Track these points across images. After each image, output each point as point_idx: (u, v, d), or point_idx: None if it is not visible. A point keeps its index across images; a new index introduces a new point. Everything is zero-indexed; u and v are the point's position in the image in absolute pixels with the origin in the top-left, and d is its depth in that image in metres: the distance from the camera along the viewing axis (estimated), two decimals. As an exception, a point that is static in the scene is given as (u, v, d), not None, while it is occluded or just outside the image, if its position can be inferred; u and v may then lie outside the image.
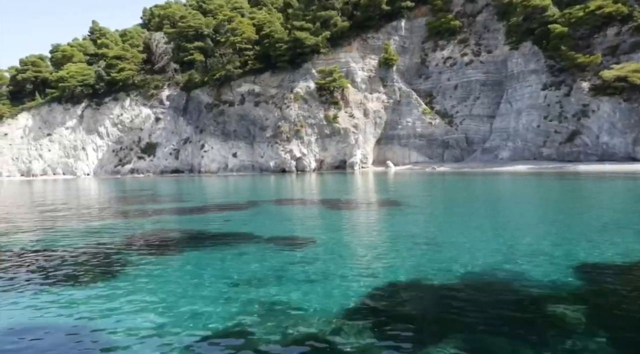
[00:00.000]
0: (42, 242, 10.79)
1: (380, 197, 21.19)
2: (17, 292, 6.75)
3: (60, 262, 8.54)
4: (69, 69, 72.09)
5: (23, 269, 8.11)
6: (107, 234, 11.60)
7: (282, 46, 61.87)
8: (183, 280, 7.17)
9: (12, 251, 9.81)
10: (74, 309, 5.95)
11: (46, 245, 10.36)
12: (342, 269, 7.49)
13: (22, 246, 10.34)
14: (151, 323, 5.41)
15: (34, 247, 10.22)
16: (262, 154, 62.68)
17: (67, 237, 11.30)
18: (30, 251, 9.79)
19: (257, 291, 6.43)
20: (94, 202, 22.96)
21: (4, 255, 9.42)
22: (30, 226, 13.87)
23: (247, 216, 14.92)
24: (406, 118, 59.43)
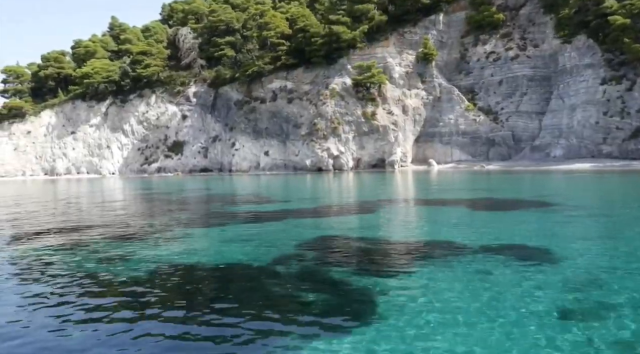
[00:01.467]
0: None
1: (515, 197, 19.16)
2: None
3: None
4: (93, 65, 70.19)
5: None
6: (301, 253, 9.64)
7: (318, 41, 59.85)
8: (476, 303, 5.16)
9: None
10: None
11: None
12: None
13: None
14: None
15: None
16: (297, 152, 60.70)
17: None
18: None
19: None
20: (216, 206, 20.98)
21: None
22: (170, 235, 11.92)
23: (411, 220, 12.99)
24: (447, 115, 57.42)
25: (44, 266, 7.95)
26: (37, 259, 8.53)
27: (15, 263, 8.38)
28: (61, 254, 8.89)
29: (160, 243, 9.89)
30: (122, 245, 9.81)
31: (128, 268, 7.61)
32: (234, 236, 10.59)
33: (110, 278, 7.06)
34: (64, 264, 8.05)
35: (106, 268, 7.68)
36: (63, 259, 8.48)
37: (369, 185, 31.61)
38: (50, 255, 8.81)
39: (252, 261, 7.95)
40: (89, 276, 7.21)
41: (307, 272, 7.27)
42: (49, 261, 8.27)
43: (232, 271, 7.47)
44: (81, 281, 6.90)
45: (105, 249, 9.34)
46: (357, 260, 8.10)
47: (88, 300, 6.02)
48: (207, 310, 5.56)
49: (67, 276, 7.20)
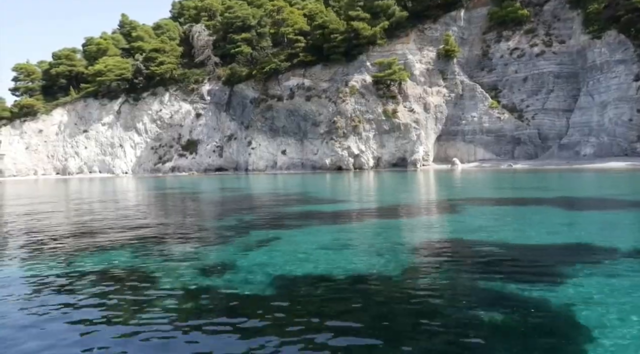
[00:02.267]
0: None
1: (594, 195, 17.95)
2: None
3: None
4: (106, 63, 69.05)
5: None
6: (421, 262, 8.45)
7: (337, 37, 58.64)
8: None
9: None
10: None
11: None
12: None
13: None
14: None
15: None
16: (316, 151, 59.52)
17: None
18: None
19: None
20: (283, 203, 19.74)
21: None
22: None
23: (509, 220, 11.79)
24: (471, 113, 56.21)
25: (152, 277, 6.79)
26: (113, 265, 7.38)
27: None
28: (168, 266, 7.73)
29: (250, 249, 8.71)
30: (208, 250, 8.65)
31: (229, 279, 6.43)
32: (326, 240, 9.37)
33: (211, 289, 5.88)
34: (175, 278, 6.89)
35: (197, 279, 6.51)
36: (167, 271, 7.31)
37: (411, 184, 30.39)
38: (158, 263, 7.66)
39: (372, 271, 6.70)
40: (190, 294, 6.02)
41: (448, 283, 6.04)
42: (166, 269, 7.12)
43: (351, 283, 6.22)
44: (197, 297, 5.73)
45: (196, 256, 8.18)
46: (499, 267, 6.88)
47: (193, 321, 4.85)
48: (332, 334, 4.37)
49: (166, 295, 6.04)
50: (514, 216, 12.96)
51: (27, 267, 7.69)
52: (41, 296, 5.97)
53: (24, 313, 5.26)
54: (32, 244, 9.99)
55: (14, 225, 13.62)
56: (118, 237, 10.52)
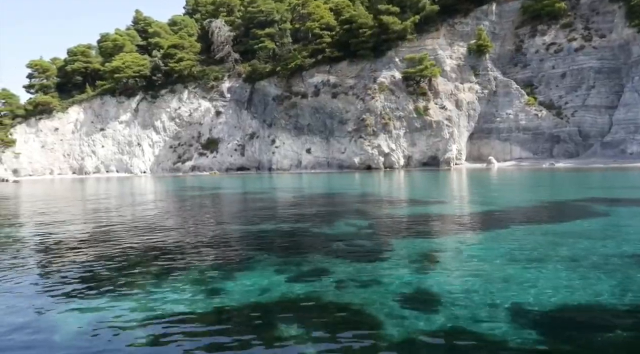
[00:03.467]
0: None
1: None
2: None
3: None
4: (123, 59, 67.06)
5: None
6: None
7: (366, 32, 56.71)
8: None
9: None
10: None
11: None
12: None
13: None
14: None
15: None
16: (343, 149, 57.60)
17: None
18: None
19: None
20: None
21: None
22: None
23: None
24: (505, 110, 54.27)
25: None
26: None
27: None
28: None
29: (414, 264, 6.79)
30: (362, 266, 6.73)
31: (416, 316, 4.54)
32: (501, 252, 7.45)
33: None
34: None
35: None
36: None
37: (473, 183, 28.44)
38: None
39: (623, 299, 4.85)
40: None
41: None
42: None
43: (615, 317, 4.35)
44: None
45: (346, 270, 6.26)
46: None
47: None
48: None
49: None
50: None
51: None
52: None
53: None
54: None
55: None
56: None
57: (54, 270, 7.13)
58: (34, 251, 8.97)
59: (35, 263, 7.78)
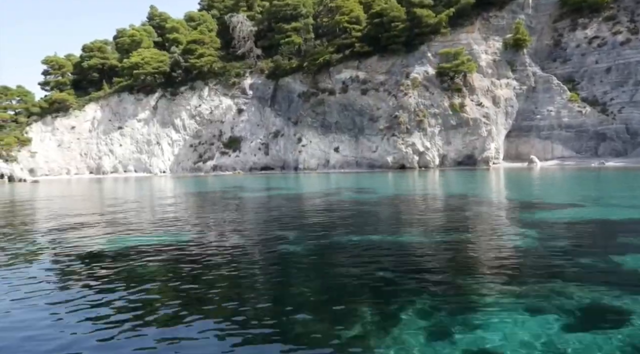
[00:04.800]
0: None
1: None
2: None
3: None
4: (142, 55, 64.86)
5: None
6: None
7: (399, 26, 54.43)
8: None
9: None
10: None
11: None
12: None
13: None
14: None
15: None
16: (374, 148, 55.28)
17: None
18: None
19: None
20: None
21: None
22: None
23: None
24: (546, 107, 51.91)
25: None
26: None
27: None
28: None
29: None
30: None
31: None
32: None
33: None
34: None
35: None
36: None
37: (546, 183, 26.12)
38: None
39: None
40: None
41: None
42: None
43: None
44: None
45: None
46: None
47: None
48: None
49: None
50: None
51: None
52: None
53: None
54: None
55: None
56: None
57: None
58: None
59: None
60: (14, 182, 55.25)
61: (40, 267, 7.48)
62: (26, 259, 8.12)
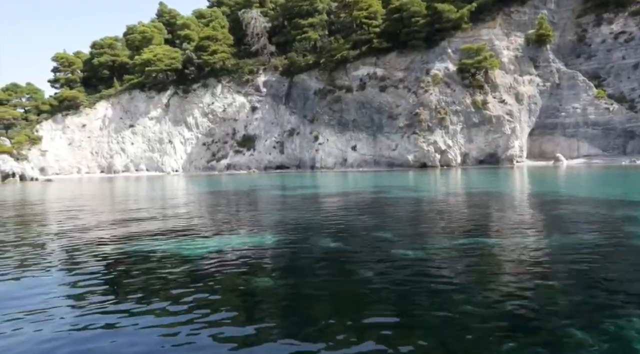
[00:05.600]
0: None
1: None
2: None
3: None
4: (154, 52, 63.60)
5: None
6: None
7: (419, 21, 53.18)
8: None
9: None
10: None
11: None
12: None
13: None
14: None
15: None
16: (394, 146, 54.06)
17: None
18: None
19: None
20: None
21: None
22: None
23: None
24: (571, 104, 50.71)
25: None
26: None
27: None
28: None
29: None
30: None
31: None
32: None
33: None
34: None
35: None
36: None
37: (593, 181, 24.89)
38: None
39: None
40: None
41: None
42: None
43: None
44: None
45: None
46: None
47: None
48: None
49: None
50: None
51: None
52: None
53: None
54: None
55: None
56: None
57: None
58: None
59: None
60: (26, 181, 54.05)
61: (111, 271, 6.28)
62: (95, 264, 6.92)
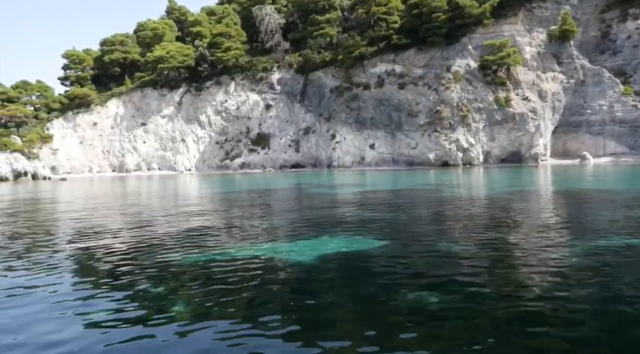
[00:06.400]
0: None
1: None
2: None
3: None
4: (167, 49, 62.46)
5: None
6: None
7: (440, 17, 52.04)
8: None
9: None
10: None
11: None
12: None
13: None
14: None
15: None
16: (414, 144, 52.91)
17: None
18: None
19: None
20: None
21: None
22: None
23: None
24: (597, 101, 49.54)
25: None
26: None
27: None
28: None
29: None
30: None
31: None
32: None
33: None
34: None
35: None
36: None
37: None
38: None
39: None
40: None
41: None
42: None
43: None
44: None
45: None
46: None
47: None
48: None
49: None
50: None
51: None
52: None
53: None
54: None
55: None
56: None
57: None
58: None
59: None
60: (37, 180, 52.94)
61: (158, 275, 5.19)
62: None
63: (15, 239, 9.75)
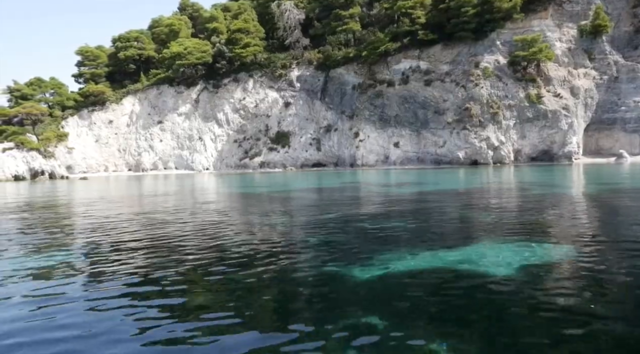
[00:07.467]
0: None
1: None
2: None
3: None
4: (184, 45, 61.01)
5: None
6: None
7: (469, 11, 50.58)
8: None
9: None
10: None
11: None
12: None
13: None
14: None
15: None
16: (442, 142, 51.46)
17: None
18: None
19: None
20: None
21: None
22: None
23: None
24: (632, 98, 48.11)
25: None
26: None
27: None
28: None
29: None
30: None
31: None
32: None
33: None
34: None
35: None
36: None
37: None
38: None
39: None
40: None
41: None
42: None
43: None
44: None
45: None
46: None
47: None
48: None
49: None
50: None
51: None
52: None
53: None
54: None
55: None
56: None
57: None
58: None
59: None
60: (55, 179, 51.54)
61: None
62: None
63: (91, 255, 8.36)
